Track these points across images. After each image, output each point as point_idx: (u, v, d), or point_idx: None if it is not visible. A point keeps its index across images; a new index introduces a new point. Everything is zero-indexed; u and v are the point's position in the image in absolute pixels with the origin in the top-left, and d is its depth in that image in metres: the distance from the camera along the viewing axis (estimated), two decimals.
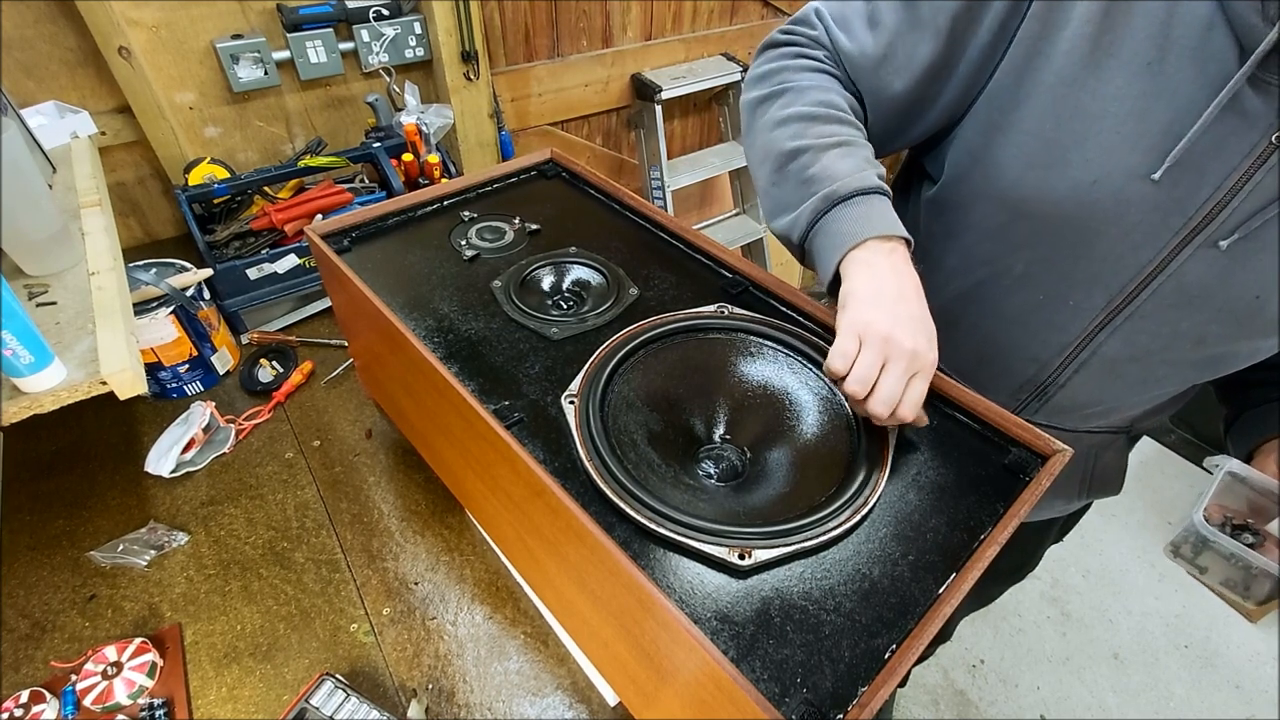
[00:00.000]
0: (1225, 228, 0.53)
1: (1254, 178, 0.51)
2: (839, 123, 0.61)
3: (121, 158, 1.26)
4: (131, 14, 1.13)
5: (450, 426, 0.64)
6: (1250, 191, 0.51)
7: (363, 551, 0.82)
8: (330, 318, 1.19)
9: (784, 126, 0.62)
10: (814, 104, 0.61)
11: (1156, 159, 0.52)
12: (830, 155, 0.58)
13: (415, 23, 1.38)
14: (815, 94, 0.62)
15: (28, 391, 0.59)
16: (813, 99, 0.62)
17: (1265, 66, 0.47)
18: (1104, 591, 1.83)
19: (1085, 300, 0.61)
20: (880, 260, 0.55)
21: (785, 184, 0.61)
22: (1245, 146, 0.50)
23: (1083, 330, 0.63)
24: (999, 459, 0.55)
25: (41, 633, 0.74)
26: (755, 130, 0.66)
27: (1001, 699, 1.61)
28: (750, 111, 0.68)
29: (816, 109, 0.61)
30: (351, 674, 0.70)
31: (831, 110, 0.61)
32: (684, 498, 0.52)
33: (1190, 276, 0.56)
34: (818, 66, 0.65)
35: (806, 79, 0.64)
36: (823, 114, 0.61)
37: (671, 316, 0.64)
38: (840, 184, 0.57)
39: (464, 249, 0.76)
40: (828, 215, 0.57)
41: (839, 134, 0.60)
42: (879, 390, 0.51)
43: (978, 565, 0.46)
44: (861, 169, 0.58)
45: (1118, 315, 0.60)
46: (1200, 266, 0.55)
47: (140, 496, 0.88)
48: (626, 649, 0.52)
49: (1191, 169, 0.52)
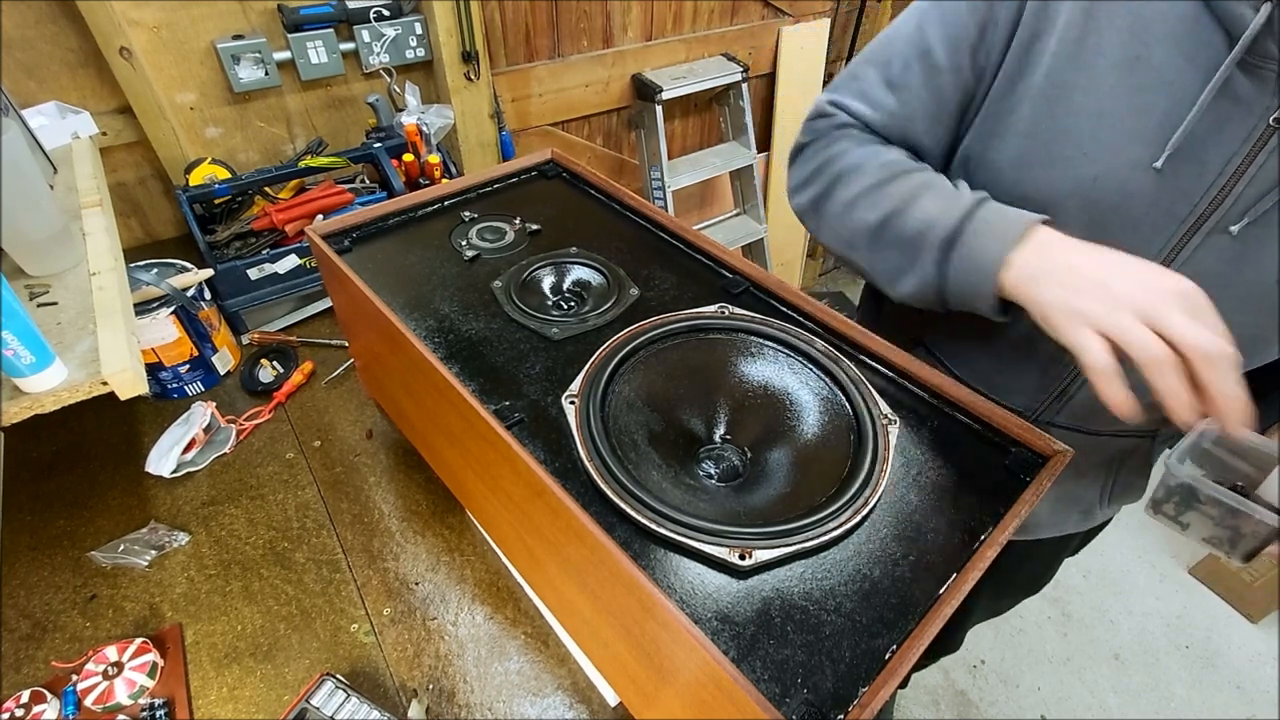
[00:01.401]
0: (1233, 213, 0.53)
1: (1256, 161, 0.51)
2: (905, 174, 0.60)
3: (122, 158, 1.26)
4: (132, 14, 1.13)
5: (451, 427, 0.64)
6: (1254, 176, 0.51)
7: (363, 552, 0.82)
8: (331, 318, 1.19)
9: (856, 207, 0.62)
10: (873, 172, 0.61)
11: (1156, 149, 0.52)
12: (918, 206, 0.57)
13: (416, 23, 1.38)
14: (869, 163, 0.62)
15: (29, 391, 0.60)
16: (869, 169, 0.62)
17: (1254, 51, 0.48)
18: (1105, 592, 1.83)
19: None
20: (1036, 260, 0.51)
21: (888, 252, 0.60)
22: (1243, 131, 0.50)
23: None
24: (1000, 459, 0.55)
25: (42, 633, 0.74)
26: (826, 223, 0.66)
27: (1002, 699, 1.61)
28: (812, 211, 0.67)
29: (878, 175, 0.61)
30: (352, 674, 0.70)
31: (892, 168, 0.61)
32: (684, 498, 0.52)
33: (1204, 265, 0.55)
34: (855, 140, 0.65)
35: (851, 158, 0.64)
36: (886, 176, 0.60)
37: (672, 317, 0.64)
38: (940, 225, 0.55)
39: (464, 249, 0.76)
40: (950, 262, 0.55)
41: (912, 183, 0.59)
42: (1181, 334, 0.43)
43: (978, 566, 0.46)
44: (951, 199, 0.56)
45: None
46: (1212, 254, 0.55)
47: (141, 497, 0.88)
48: (627, 649, 0.52)
49: (1192, 157, 0.52)
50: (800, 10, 2.08)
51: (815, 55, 2.16)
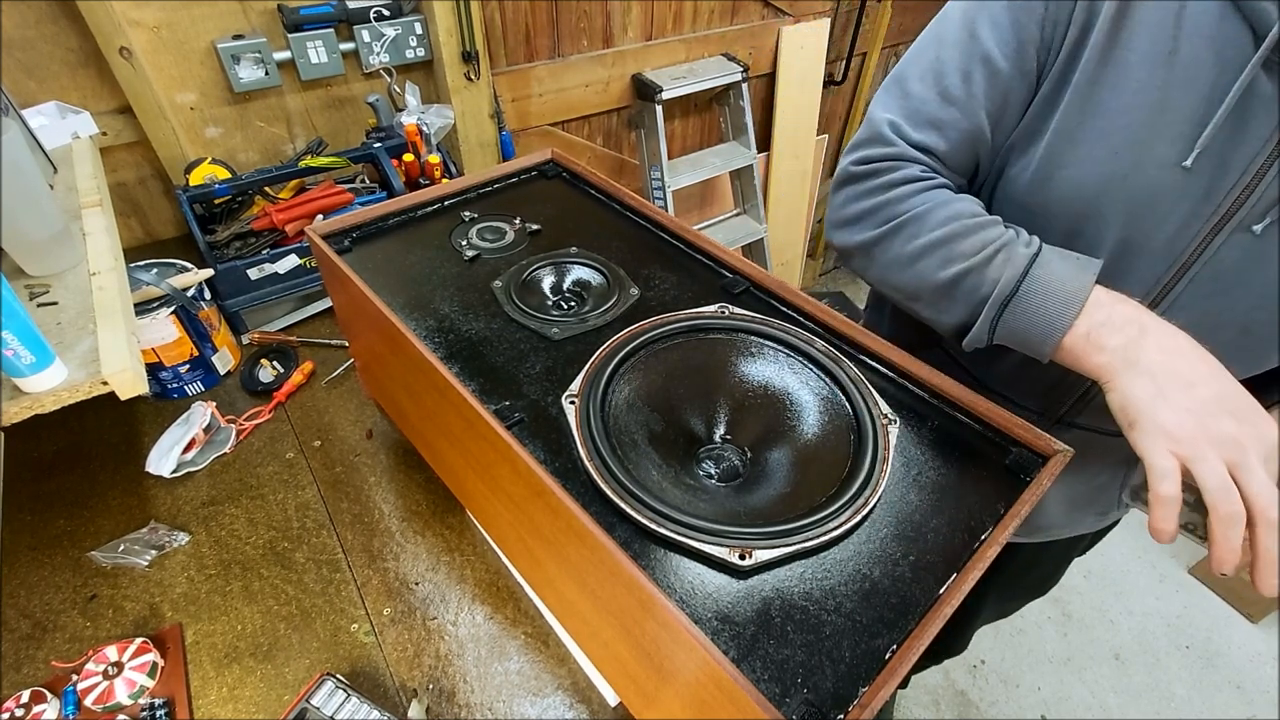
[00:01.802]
0: (1256, 212, 0.53)
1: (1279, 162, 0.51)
2: (981, 229, 0.58)
3: (122, 158, 1.26)
4: (132, 14, 1.13)
5: (451, 427, 0.64)
6: (1277, 175, 0.51)
7: (363, 551, 0.82)
8: (331, 318, 1.19)
9: (924, 259, 0.60)
10: (944, 223, 0.59)
11: (1185, 147, 0.52)
12: (992, 266, 0.56)
13: (416, 23, 1.38)
14: (939, 213, 0.60)
15: (29, 391, 0.60)
16: (939, 219, 0.59)
17: (1277, 50, 0.48)
18: (1105, 592, 1.83)
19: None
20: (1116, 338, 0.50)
21: (956, 308, 0.59)
22: (1265, 131, 0.50)
23: None
24: (1000, 459, 0.55)
25: (42, 632, 0.74)
26: (880, 267, 0.64)
27: (1002, 699, 1.61)
28: (862, 252, 0.65)
29: (951, 227, 0.59)
30: (352, 674, 0.70)
31: (965, 222, 0.59)
32: (684, 498, 0.52)
33: (1226, 264, 0.55)
34: (921, 184, 0.62)
35: (918, 201, 0.61)
36: (960, 230, 0.58)
37: (672, 316, 0.64)
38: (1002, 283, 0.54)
39: (465, 249, 0.76)
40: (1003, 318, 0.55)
41: (988, 239, 0.57)
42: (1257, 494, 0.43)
43: (978, 566, 0.46)
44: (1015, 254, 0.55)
45: (1156, 307, 0.59)
46: (1235, 253, 0.55)
47: (141, 496, 0.88)
48: (627, 649, 0.52)
49: (1217, 155, 0.52)
50: (800, 10, 2.08)
51: (815, 55, 2.15)
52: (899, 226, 0.61)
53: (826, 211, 0.69)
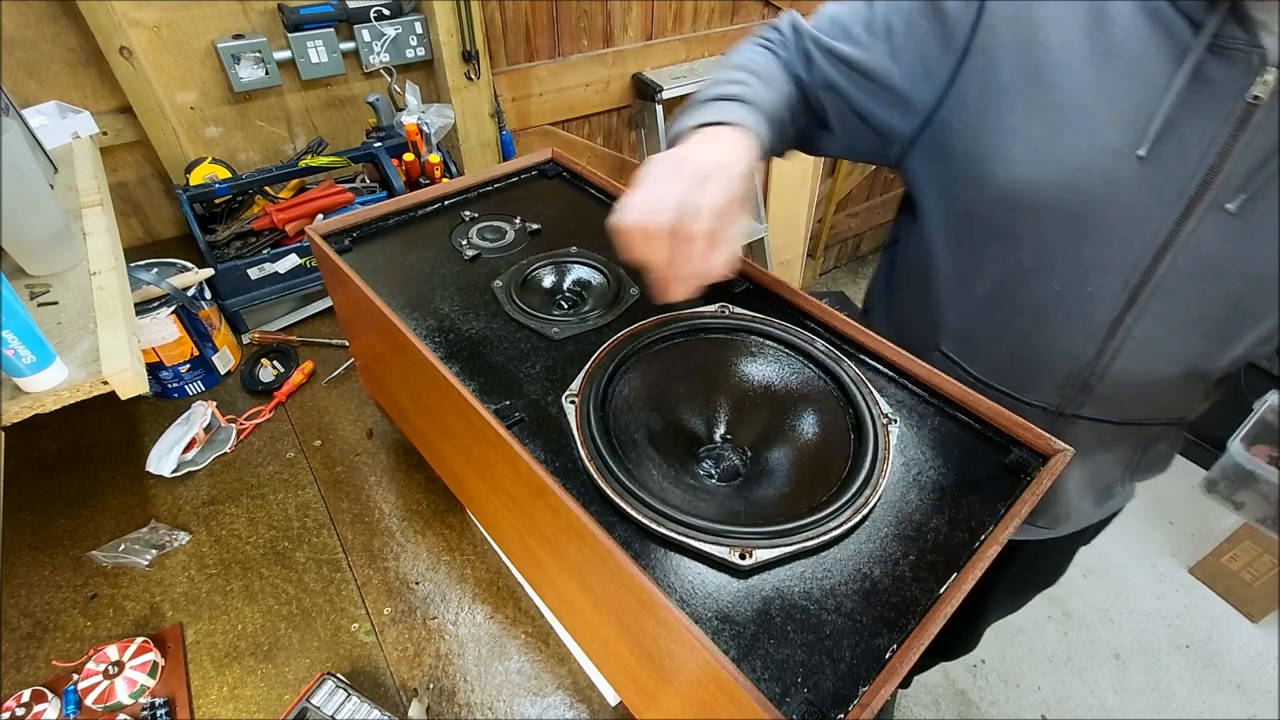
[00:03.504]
0: (1227, 190, 0.54)
1: (1241, 138, 0.52)
2: (747, 71, 0.64)
3: (123, 158, 1.26)
4: (133, 14, 1.13)
5: (451, 426, 0.64)
6: (1243, 152, 0.52)
7: (364, 551, 0.82)
8: (331, 317, 1.19)
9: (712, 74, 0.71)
10: (737, 62, 0.67)
11: (1137, 136, 0.54)
12: (719, 86, 0.62)
13: (416, 23, 1.38)
14: (741, 56, 0.68)
15: (29, 391, 0.60)
16: (737, 59, 0.67)
17: (1220, 35, 0.50)
18: (1105, 591, 1.83)
19: (1102, 285, 0.61)
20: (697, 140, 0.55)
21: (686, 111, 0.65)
22: (1222, 111, 0.52)
23: (1109, 316, 0.62)
24: (1000, 459, 0.55)
25: (43, 632, 0.74)
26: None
27: (1002, 699, 1.61)
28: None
29: (737, 61, 0.67)
30: (352, 673, 0.70)
31: (751, 64, 0.66)
32: (685, 497, 0.52)
33: (1205, 245, 0.56)
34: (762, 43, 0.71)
35: (745, 46, 0.71)
36: (739, 64, 0.66)
37: (672, 316, 0.64)
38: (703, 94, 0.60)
39: (465, 249, 0.76)
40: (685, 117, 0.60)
41: (740, 78, 0.63)
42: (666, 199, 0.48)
43: (979, 565, 0.46)
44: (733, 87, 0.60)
45: (1140, 295, 0.60)
46: (1213, 233, 0.55)
47: (141, 496, 0.88)
48: (627, 649, 0.52)
49: (1174, 140, 0.53)
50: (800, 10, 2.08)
51: None
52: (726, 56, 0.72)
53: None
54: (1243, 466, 0.52)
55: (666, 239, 0.49)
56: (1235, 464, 0.52)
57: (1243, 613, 1.79)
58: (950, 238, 0.70)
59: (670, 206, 0.48)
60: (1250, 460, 0.52)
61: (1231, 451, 0.52)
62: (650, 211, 0.49)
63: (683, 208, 0.48)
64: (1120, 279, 0.60)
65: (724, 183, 0.50)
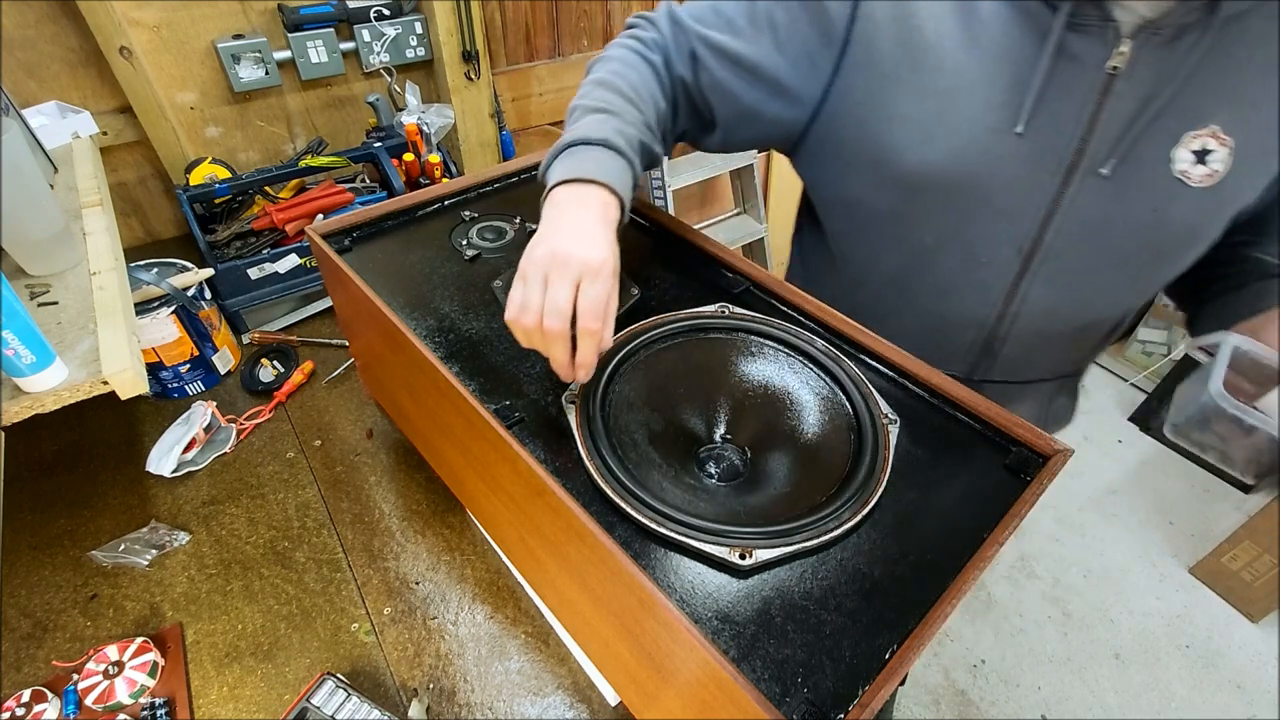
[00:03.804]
0: (1099, 157, 0.58)
1: (1106, 106, 0.56)
2: (616, 92, 0.63)
3: (123, 158, 1.26)
4: (133, 14, 1.13)
5: (451, 426, 0.64)
6: (1109, 120, 0.56)
7: (364, 551, 0.82)
8: (331, 317, 1.19)
9: (580, 89, 0.66)
10: (608, 73, 0.65)
11: (1014, 114, 0.57)
12: (589, 117, 0.60)
13: (416, 23, 1.38)
14: (614, 65, 0.66)
15: (29, 391, 0.60)
16: (609, 69, 0.66)
17: (1076, 14, 0.54)
18: (1105, 591, 1.83)
19: (997, 255, 0.65)
20: (566, 203, 0.54)
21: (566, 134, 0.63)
22: (1086, 83, 0.56)
23: (1006, 284, 0.66)
24: (999, 459, 0.55)
25: (43, 632, 0.74)
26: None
27: (1002, 699, 1.61)
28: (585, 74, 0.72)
29: (606, 77, 0.65)
30: (352, 673, 0.70)
31: (617, 80, 0.64)
32: (685, 497, 0.52)
33: (1086, 209, 0.60)
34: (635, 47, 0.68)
35: (617, 52, 0.68)
36: (608, 81, 0.64)
37: (672, 316, 0.64)
38: (571, 135, 0.58)
39: (465, 249, 0.76)
40: (554, 161, 0.58)
41: (608, 102, 0.62)
42: (545, 305, 0.49)
43: (979, 565, 0.46)
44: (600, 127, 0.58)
45: (1032, 261, 0.64)
46: (1091, 197, 0.60)
47: (141, 496, 0.88)
48: (627, 649, 0.52)
49: (1047, 114, 0.57)
50: None
51: None
52: (597, 60, 0.69)
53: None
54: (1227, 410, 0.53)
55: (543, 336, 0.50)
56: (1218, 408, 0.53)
57: (1243, 613, 1.79)
58: (850, 224, 0.73)
59: (548, 310, 0.49)
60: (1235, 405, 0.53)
61: (1214, 396, 0.53)
62: (527, 311, 0.50)
63: (558, 313, 0.49)
64: (1013, 248, 0.64)
65: (599, 281, 0.50)
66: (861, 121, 0.64)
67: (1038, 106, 0.57)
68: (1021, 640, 1.72)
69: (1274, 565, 1.69)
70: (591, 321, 0.50)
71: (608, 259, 0.51)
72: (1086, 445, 2.23)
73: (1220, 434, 0.55)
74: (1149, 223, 0.60)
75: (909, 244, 0.68)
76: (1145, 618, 1.78)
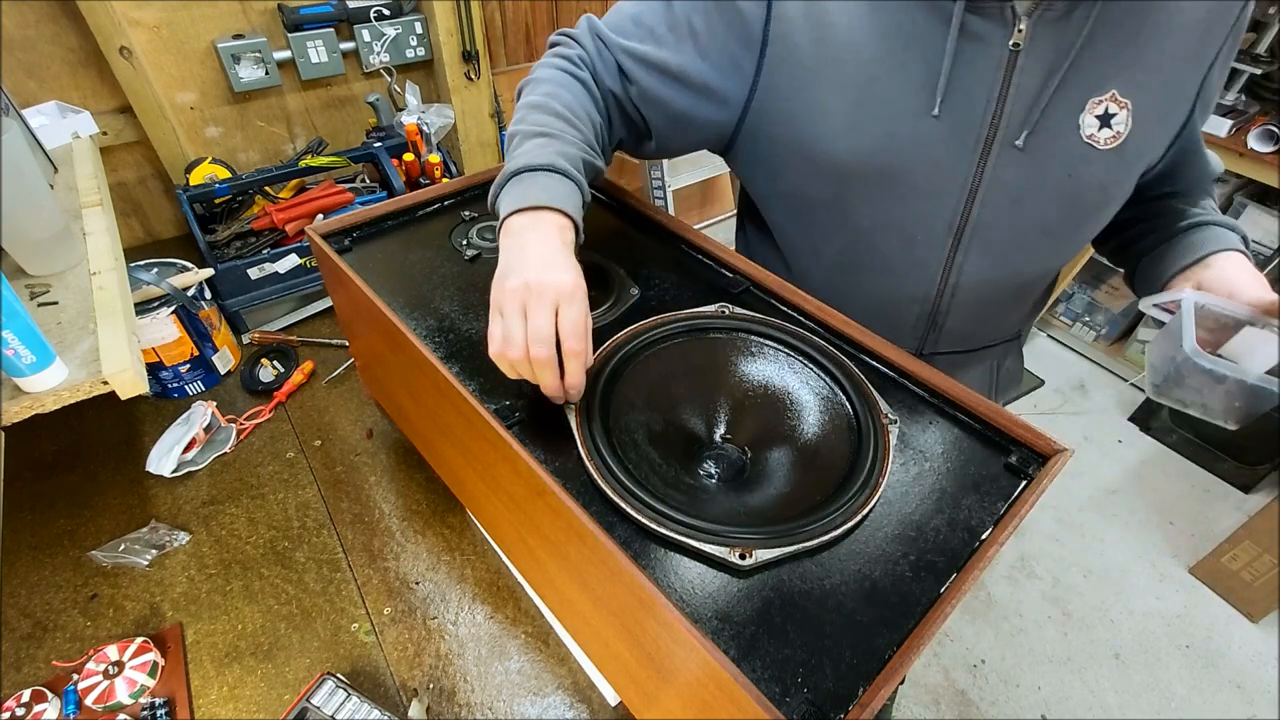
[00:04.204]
0: (1012, 130, 0.61)
1: (1013, 82, 0.60)
2: (554, 115, 0.64)
3: (123, 158, 1.26)
4: (133, 14, 1.13)
5: (451, 426, 0.64)
6: (1016, 95, 0.60)
7: (364, 551, 0.82)
8: (331, 317, 1.19)
9: (517, 114, 0.67)
10: (542, 95, 0.66)
11: (929, 98, 0.61)
12: (530, 142, 0.61)
13: (416, 23, 1.38)
14: (547, 86, 0.67)
15: (29, 391, 0.60)
16: (543, 91, 0.66)
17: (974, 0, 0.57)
18: (1105, 591, 1.83)
19: (931, 233, 0.68)
20: (524, 232, 0.55)
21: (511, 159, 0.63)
22: (992, 63, 0.59)
23: (942, 259, 0.69)
24: (999, 459, 0.55)
25: (43, 632, 0.74)
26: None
27: (1002, 699, 1.61)
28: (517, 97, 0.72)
29: (541, 100, 0.65)
30: (352, 673, 0.70)
31: (552, 102, 0.65)
32: (685, 498, 0.52)
33: (1007, 179, 0.63)
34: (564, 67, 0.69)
35: (548, 73, 0.69)
36: (544, 104, 0.64)
37: (672, 316, 0.64)
38: (516, 163, 0.58)
39: (465, 249, 0.76)
40: (503, 190, 0.59)
41: (547, 125, 0.62)
42: (529, 334, 0.50)
43: (979, 565, 0.46)
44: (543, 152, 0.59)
45: (963, 234, 0.67)
46: (1010, 168, 0.63)
47: (141, 496, 0.88)
48: (627, 649, 0.52)
49: (961, 94, 0.61)
50: None
51: None
52: (528, 82, 0.70)
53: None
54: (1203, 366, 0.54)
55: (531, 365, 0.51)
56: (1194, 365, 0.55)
57: (1243, 613, 1.79)
58: (790, 216, 0.76)
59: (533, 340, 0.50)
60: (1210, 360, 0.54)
61: (1190, 354, 0.55)
62: (512, 344, 0.50)
63: (543, 340, 0.50)
64: (944, 224, 0.67)
65: (575, 303, 0.51)
66: (790, 116, 0.66)
67: (950, 89, 0.60)
68: (1021, 640, 1.72)
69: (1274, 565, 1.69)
70: (576, 343, 0.51)
71: (579, 281, 0.52)
72: (1086, 445, 2.23)
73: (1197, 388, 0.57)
74: (1065, 187, 0.64)
75: (847, 229, 0.71)
76: (1145, 618, 1.78)
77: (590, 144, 0.64)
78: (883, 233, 0.69)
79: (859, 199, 0.67)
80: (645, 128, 0.72)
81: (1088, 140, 0.62)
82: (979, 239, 0.67)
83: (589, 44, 0.70)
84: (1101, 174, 0.64)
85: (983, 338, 0.81)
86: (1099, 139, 0.62)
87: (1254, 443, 2.02)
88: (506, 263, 0.53)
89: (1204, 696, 1.62)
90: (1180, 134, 0.68)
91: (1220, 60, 0.64)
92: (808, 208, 0.72)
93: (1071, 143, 0.62)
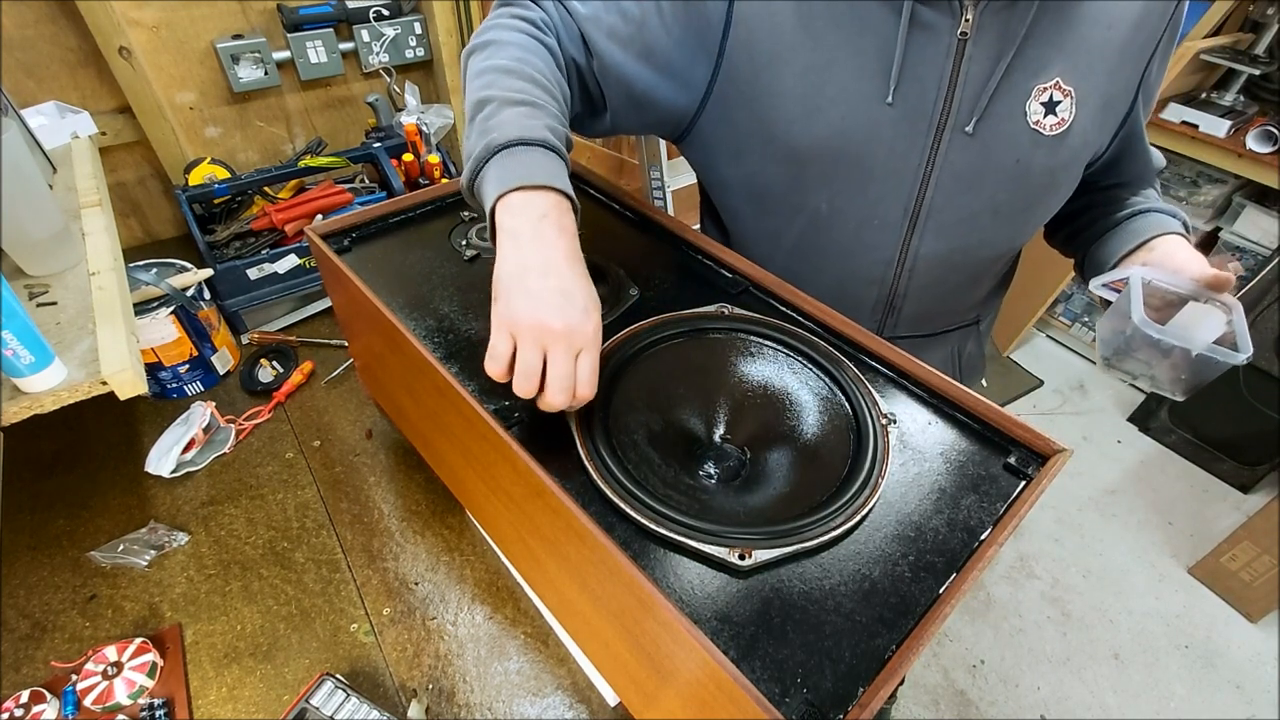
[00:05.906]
0: (963, 116, 0.63)
1: (962, 69, 0.61)
2: (531, 82, 0.59)
3: (122, 158, 1.26)
4: (132, 14, 1.13)
5: (450, 427, 0.64)
6: (965, 81, 0.62)
7: (363, 551, 0.82)
8: (330, 318, 1.19)
9: (480, 77, 0.60)
10: (511, 59, 0.61)
11: (883, 84, 0.62)
12: (511, 110, 0.56)
13: (415, 23, 1.38)
14: (515, 50, 0.62)
15: (28, 391, 0.60)
16: (511, 55, 0.61)
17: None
18: (1104, 591, 1.83)
19: (887, 216, 0.69)
20: (525, 227, 0.51)
21: (472, 135, 0.58)
22: (942, 50, 0.61)
23: (897, 242, 0.70)
24: (999, 459, 0.55)
25: (42, 633, 0.74)
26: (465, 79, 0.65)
27: (1002, 699, 1.61)
28: (462, 66, 0.66)
29: (512, 64, 0.60)
30: (352, 674, 0.70)
31: (525, 68, 0.60)
32: (684, 498, 0.52)
33: (958, 164, 0.65)
34: (529, 30, 0.65)
35: (511, 35, 0.64)
36: (516, 69, 0.60)
37: (672, 316, 0.64)
38: (503, 133, 0.54)
39: (464, 249, 0.76)
40: (488, 164, 0.54)
41: (527, 93, 0.58)
42: (550, 381, 0.49)
43: (978, 565, 0.46)
44: (531, 123, 0.56)
45: (918, 218, 0.68)
46: (961, 153, 0.65)
47: (140, 496, 0.88)
48: (627, 649, 0.52)
49: (913, 81, 0.62)
50: None
51: None
52: (485, 44, 0.64)
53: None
54: (1150, 336, 0.56)
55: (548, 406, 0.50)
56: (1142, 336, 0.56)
57: (1242, 613, 1.79)
58: (749, 201, 0.76)
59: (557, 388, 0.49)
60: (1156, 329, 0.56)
61: (1139, 325, 0.56)
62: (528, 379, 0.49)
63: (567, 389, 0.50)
64: (900, 208, 0.68)
65: (593, 350, 0.51)
66: (750, 100, 0.67)
67: (903, 77, 0.62)
68: (1021, 640, 1.72)
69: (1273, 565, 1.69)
70: (588, 390, 0.51)
71: (599, 322, 0.51)
72: (1086, 445, 2.23)
73: (1145, 360, 0.59)
74: (1014, 172, 0.66)
75: (805, 214, 0.72)
76: (1144, 618, 1.78)
77: (564, 117, 0.61)
78: (841, 216, 0.70)
79: (816, 182, 0.68)
80: (602, 103, 0.70)
81: (1034, 126, 0.64)
82: (933, 221, 0.68)
83: (551, 9, 0.67)
84: (1048, 159, 0.66)
85: (941, 322, 0.83)
86: (1045, 125, 0.64)
87: (1253, 443, 2.02)
88: (516, 271, 0.50)
89: (1203, 696, 1.63)
90: (1123, 125, 0.70)
91: (1159, 54, 0.66)
92: (766, 192, 0.73)
93: (1019, 128, 0.64)
